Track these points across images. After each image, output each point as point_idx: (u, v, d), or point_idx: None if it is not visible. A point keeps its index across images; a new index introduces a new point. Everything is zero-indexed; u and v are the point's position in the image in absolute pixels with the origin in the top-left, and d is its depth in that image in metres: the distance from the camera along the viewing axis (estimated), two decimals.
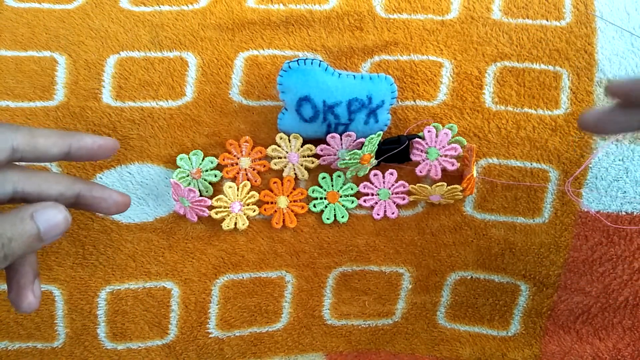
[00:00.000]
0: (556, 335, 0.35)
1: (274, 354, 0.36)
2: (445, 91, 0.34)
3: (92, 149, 0.27)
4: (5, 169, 0.25)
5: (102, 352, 0.34)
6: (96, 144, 0.27)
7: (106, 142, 0.28)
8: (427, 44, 0.34)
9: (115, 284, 0.34)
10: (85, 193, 0.27)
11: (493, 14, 0.34)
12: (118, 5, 0.35)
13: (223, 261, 0.34)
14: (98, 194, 0.28)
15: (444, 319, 0.36)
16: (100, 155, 0.28)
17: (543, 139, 0.33)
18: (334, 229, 0.34)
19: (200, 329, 0.35)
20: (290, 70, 0.31)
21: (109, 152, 0.28)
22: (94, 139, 0.27)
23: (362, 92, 0.31)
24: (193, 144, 0.33)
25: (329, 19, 0.34)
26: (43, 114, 0.33)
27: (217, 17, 0.34)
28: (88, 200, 0.27)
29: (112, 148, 0.28)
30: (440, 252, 0.34)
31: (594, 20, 0.34)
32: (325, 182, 0.34)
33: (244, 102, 0.34)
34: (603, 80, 0.33)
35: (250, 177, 0.33)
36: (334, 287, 0.35)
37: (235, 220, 0.33)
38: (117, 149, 0.29)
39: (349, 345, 0.36)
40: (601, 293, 0.34)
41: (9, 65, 0.33)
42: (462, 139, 0.32)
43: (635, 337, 0.35)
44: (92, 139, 0.27)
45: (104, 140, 0.28)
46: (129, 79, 0.33)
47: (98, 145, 0.27)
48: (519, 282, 0.35)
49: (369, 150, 0.31)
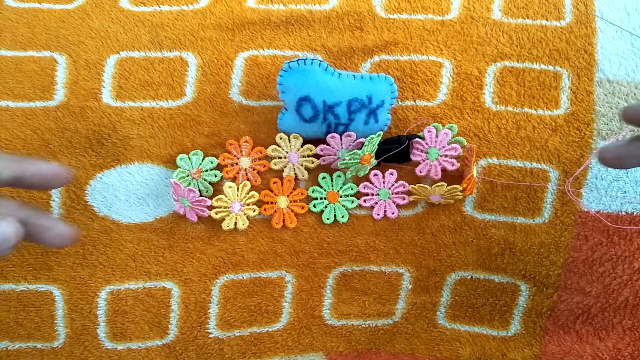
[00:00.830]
0: (556, 335, 0.35)
1: (274, 354, 0.36)
2: (445, 91, 0.34)
3: (46, 176, 0.26)
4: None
5: (102, 352, 0.34)
6: (50, 172, 0.26)
7: (60, 171, 0.26)
8: (427, 44, 0.34)
9: (115, 284, 0.34)
10: (32, 220, 0.25)
11: (493, 14, 0.34)
12: (118, 5, 0.35)
13: (223, 261, 0.34)
14: (44, 222, 0.26)
15: (444, 319, 0.36)
16: (53, 184, 0.26)
17: (543, 139, 0.33)
18: (334, 229, 0.34)
19: (200, 329, 0.35)
20: (290, 70, 0.31)
21: (62, 182, 0.27)
22: (49, 167, 0.25)
23: (362, 92, 0.31)
24: (193, 144, 0.33)
25: (329, 19, 0.34)
26: (43, 114, 0.33)
27: (217, 17, 0.34)
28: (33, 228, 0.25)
29: (66, 178, 0.27)
30: (440, 252, 0.34)
31: (594, 20, 0.34)
32: (325, 182, 0.34)
33: (244, 102, 0.34)
34: (603, 81, 0.33)
35: (250, 177, 0.33)
36: (334, 287, 0.35)
37: (235, 220, 0.33)
38: (70, 178, 0.27)
39: (349, 345, 0.36)
40: (601, 293, 0.34)
41: (9, 65, 0.33)
42: (462, 139, 0.32)
43: (635, 337, 0.35)
44: (47, 166, 0.25)
45: (59, 169, 0.26)
46: (129, 79, 0.33)
47: (52, 173, 0.26)
48: (519, 282, 0.35)
49: (369, 150, 0.31)
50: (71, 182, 0.33)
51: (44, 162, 0.26)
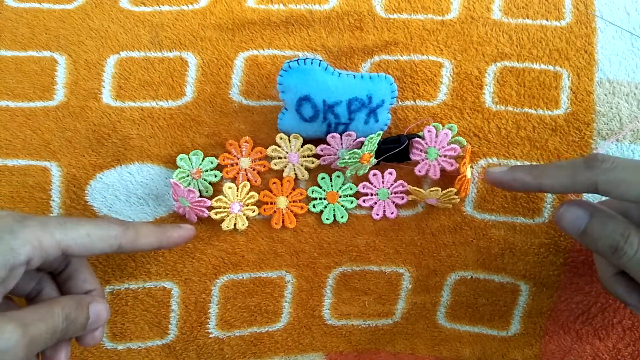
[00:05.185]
0: (556, 335, 0.35)
1: (274, 354, 0.36)
2: (445, 91, 0.34)
3: (177, 243, 0.30)
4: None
5: (102, 352, 0.34)
6: (181, 238, 0.30)
7: (188, 234, 0.31)
8: (427, 44, 0.34)
9: (115, 284, 0.34)
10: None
11: (493, 14, 0.34)
12: (118, 5, 0.35)
13: (223, 261, 0.34)
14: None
15: (444, 319, 0.36)
16: (181, 244, 0.31)
17: (543, 139, 0.33)
18: (333, 229, 0.34)
19: (200, 329, 0.35)
20: (290, 70, 0.31)
21: (187, 241, 0.31)
22: (180, 233, 0.30)
23: (362, 91, 0.31)
24: (193, 144, 0.33)
25: (329, 19, 0.34)
26: (43, 114, 0.33)
27: (217, 17, 0.34)
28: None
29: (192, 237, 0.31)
30: (440, 252, 0.34)
31: (594, 20, 0.34)
32: (325, 183, 0.34)
33: (244, 102, 0.34)
34: (603, 81, 0.33)
35: (250, 177, 0.33)
36: (334, 287, 0.35)
37: (234, 221, 0.33)
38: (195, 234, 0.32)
39: (349, 345, 0.36)
40: (601, 293, 0.34)
41: (9, 65, 0.33)
42: (461, 139, 0.32)
43: (635, 337, 0.35)
44: (178, 233, 0.30)
45: (190, 232, 0.31)
46: (129, 79, 0.33)
47: (183, 239, 0.30)
48: (519, 282, 0.35)
49: (368, 149, 0.31)
50: (72, 182, 0.33)
51: (176, 231, 0.30)
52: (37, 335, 0.23)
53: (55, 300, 0.26)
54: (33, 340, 0.23)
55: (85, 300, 0.27)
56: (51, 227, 0.24)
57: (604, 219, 0.26)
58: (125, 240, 0.27)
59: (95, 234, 0.25)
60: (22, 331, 0.22)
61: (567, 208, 0.27)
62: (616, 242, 0.25)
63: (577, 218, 0.26)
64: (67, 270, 0.28)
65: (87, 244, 0.25)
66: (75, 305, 0.26)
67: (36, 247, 0.23)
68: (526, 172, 0.28)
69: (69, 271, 0.28)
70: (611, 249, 0.25)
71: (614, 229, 0.25)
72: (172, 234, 0.30)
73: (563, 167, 0.26)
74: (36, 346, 0.23)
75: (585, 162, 0.25)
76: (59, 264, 0.28)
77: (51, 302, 0.25)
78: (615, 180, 0.24)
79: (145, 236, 0.28)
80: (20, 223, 0.23)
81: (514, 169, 0.29)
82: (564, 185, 0.26)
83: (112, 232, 0.26)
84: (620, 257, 0.25)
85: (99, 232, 0.26)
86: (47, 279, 0.28)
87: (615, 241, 0.25)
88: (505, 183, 0.29)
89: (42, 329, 0.23)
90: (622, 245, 0.24)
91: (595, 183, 0.24)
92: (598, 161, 0.25)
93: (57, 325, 0.24)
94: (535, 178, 0.27)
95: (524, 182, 0.27)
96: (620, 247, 0.24)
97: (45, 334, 0.23)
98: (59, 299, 0.26)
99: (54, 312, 0.25)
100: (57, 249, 0.24)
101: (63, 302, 0.26)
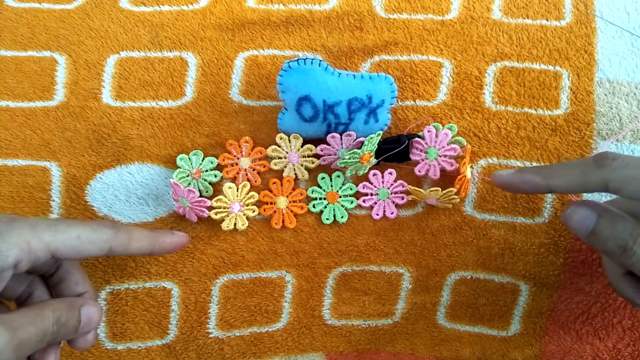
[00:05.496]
0: (556, 335, 0.35)
1: (274, 354, 0.36)
2: (445, 91, 0.34)
3: (169, 249, 0.30)
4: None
5: (102, 352, 0.34)
6: (173, 244, 0.30)
7: (181, 241, 0.30)
8: (427, 44, 0.34)
9: (115, 284, 0.34)
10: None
11: (493, 14, 0.34)
12: (118, 5, 0.35)
13: (223, 261, 0.34)
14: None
15: (444, 319, 0.36)
16: (173, 251, 0.31)
17: (543, 139, 0.33)
18: (333, 229, 0.34)
19: (200, 329, 0.35)
20: (290, 70, 0.31)
21: (179, 248, 0.31)
22: (172, 239, 0.30)
23: (362, 91, 0.31)
24: (193, 144, 0.33)
25: (329, 19, 0.34)
26: (43, 114, 0.33)
27: (217, 17, 0.34)
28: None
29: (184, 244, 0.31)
30: (440, 252, 0.34)
31: (594, 20, 0.34)
32: (325, 183, 0.34)
33: (244, 102, 0.34)
34: (603, 81, 0.33)
35: (250, 177, 0.33)
36: (334, 287, 0.35)
37: (234, 221, 0.33)
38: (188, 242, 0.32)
39: (349, 345, 0.36)
40: (601, 293, 0.34)
41: (9, 65, 0.33)
42: (461, 139, 0.32)
43: (635, 337, 0.35)
44: (171, 239, 0.30)
45: (182, 239, 0.31)
46: (129, 79, 0.33)
47: (175, 245, 0.30)
48: (519, 282, 0.35)
49: (368, 149, 0.31)
50: (72, 182, 0.33)
51: (169, 237, 0.30)
52: (26, 339, 0.22)
53: (46, 303, 0.26)
54: (22, 344, 0.22)
55: (76, 303, 0.27)
56: (40, 230, 0.24)
57: (613, 219, 0.25)
58: (116, 244, 0.26)
59: (86, 237, 0.25)
60: (11, 334, 0.22)
61: (575, 208, 0.27)
62: (625, 242, 0.24)
63: (585, 218, 0.26)
64: (58, 272, 0.28)
65: (76, 246, 0.25)
66: (66, 308, 0.26)
67: (24, 250, 0.23)
68: (535, 174, 0.27)
69: (60, 273, 0.28)
70: (620, 249, 0.25)
71: (623, 229, 0.25)
72: (165, 240, 0.29)
73: (573, 167, 0.26)
74: (25, 349, 0.23)
75: (595, 160, 0.25)
76: (50, 266, 0.28)
77: (42, 305, 0.25)
78: (627, 178, 0.24)
79: (137, 240, 0.28)
80: (8, 225, 0.23)
81: (522, 170, 0.28)
82: (574, 185, 0.26)
83: (103, 236, 0.26)
84: (630, 257, 0.24)
85: (90, 234, 0.25)
86: (38, 282, 0.28)
87: (624, 241, 0.24)
88: (514, 185, 0.28)
89: (32, 332, 0.23)
90: (631, 245, 0.24)
91: (606, 181, 0.24)
92: (609, 159, 0.24)
93: (47, 328, 0.24)
94: (545, 179, 0.27)
95: (533, 184, 0.27)
96: (629, 247, 0.24)
97: (35, 337, 0.23)
98: (49, 302, 0.26)
99: (45, 315, 0.24)
100: (46, 252, 0.24)
101: (54, 304, 0.25)
